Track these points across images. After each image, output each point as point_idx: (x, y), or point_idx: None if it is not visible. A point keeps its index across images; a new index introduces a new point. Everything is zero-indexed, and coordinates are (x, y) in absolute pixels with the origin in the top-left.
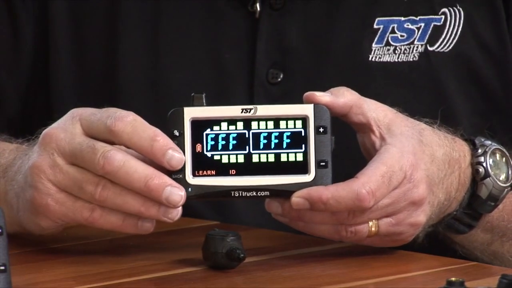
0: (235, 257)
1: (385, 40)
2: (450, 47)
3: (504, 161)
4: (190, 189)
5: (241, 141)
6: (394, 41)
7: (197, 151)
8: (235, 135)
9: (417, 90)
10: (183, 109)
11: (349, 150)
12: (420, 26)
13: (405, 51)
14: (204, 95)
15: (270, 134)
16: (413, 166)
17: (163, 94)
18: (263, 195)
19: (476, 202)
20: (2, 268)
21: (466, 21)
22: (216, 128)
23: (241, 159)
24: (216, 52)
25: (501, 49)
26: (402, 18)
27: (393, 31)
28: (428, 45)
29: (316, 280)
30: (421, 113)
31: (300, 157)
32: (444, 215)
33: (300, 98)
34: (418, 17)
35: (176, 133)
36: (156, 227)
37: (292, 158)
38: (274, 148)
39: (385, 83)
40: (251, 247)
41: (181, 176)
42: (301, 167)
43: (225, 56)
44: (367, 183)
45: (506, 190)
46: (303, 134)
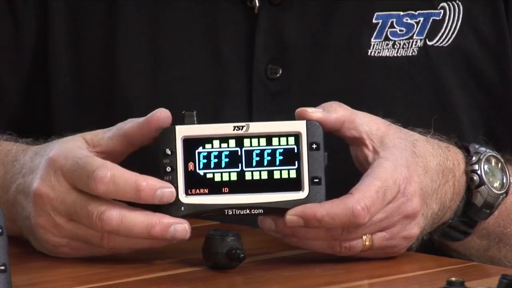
0: (235, 257)
1: (384, 35)
2: (449, 42)
3: (499, 168)
4: (183, 208)
5: (234, 159)
6: (393, 36)
7: (190, 170)
8: (228, 153)
9: (416, 85)
10: (175, 128)
11: (342, 165)
12: (419, 21)
13: (404, 46)
14: (195, 113)
15: (263, 151)
16: (407, 180)
17: (162, 90)
18: (257, 213)
19: (472, 210)
20: (2, 268)
21: (465, 16)
22: (208, 146)
23: (234, 177)
24: (215, 48)
25: (500, 43)
26: (401, 13)
27: (392, 26)
28: (427, 40)
29: (316, 280)
30: (420, 108)
31: (294, 174)
32: (439, 224)
33: (299, 93)
34: (417, 12)
35: (168, 152)
36: None
37: (285, 175)
38: (267, 165)
39: (384, 78)
40: (251, 247)
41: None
42: (295, 184)
43: (224, 52)
44: (362, 199)
45: (502, 197)
46: (296, 151)
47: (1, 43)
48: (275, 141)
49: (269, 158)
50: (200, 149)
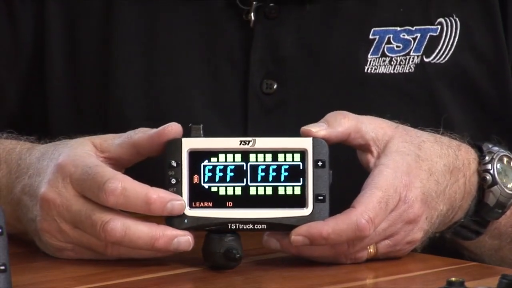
0: (232, 257)
1: (381, 51)
2: (446, 58)
3: None
4: (186, 221)
5: (239, 173)
6: (390, 52)
7: (194, 182)
8: (233, 167)
9: (413, 102)
10: (181, 140)
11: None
12: (416, 37)
13: (401, 63)
14: (202, 126)
15: (268, 167)
16: (407, 187)
17: (156, 101)
18: (260, 228)
19: (484, 210)
20: (2, 268)
21: (463, 31)
22: (214, 160)
23: (239, 192)
24: (211, 61)
25: (498, 59)
26: (398, 28)
27: (389, 42)
28: (424, 56)
29: (316, 280)
30: (417, 125)
31: (298, 191)
32: (451, 224)
33: (294, 109)
34: (414, 27)
35: (174, 164)
36: None
37: (290, 192)
38: (272, 181)
39: (381, 95)
40: (251, 247)
41: None
42: (299, 201)
43: (220, 66)
44: (365, 212)
45: None
46: (301, 168)
47: (0, 45)
48: (281, 157)
49: (274, 174)
50: (206, 162)
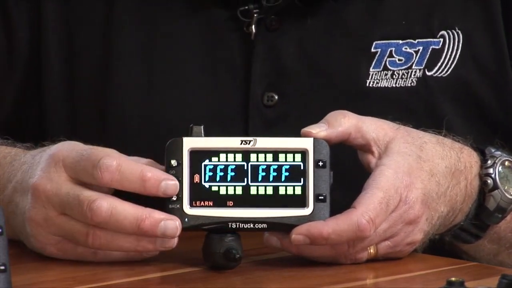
0: (231, 257)
1: (383, 65)
2: (449, 72)
3: None
4: (187, 219)
5: (240, 173)
6: (392, 65)
7: (195, 182)
8: (234, 167)
9: (415, 116)
10: (182, 139)
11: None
12: (418, 50)
13: (403, 76)
14: (203, 127)
15: (269, 167)
16: (408, 187)
17: (157, 113)
18: (260, 228)
19: (484, 214)
20: (2, 268)
21: (465, 44)
22: (215, 159)
23: (239, 191)
24: (212, 73)
25: (501, 72)
26: (400, 41)
27: (391, 55)
28: (426, 70)
29: (316, 280)
30: None
31: (299, 191)
32: (450, 226)
33: (295, 122)
34: (417, 40)
35: (174, 163)
36: None
37: (290, 192)
38: (273, 181)
39: (383, 109)
40: (251, 247)
41: (178, 206)
42: (299, 201)
43: (221, 78)
44: (366, 212)
45: None
46: (302, 168)
47: None
48: (282, 157)
49: (275, 174)
50: (207, 162)
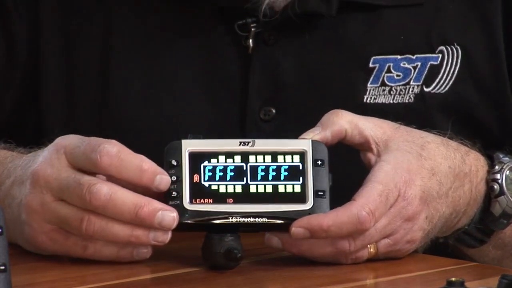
0: (232, 257)
1: (381, 80)
2: (447, 88)
3: None
4: (187, 214)
5: (239, 174)
6: (390, 81)
7: (195, 181)
8: (233, 167)
9: None
10: (181, 142)
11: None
12: (417, 65)
13: (401, 92)
14: (201, 137)
15: (268, 167)
16: (407, 183)
17: (154, 125)
18: (261, 222)
19: (489, 219)
20: (2, 268)
21: (464, 60)
22: (214, 161)
23: (239, 189)
24: (209, 87)
25: (500, 89)
26: (399, 57)
27: (389, 71)
28: (424, 86)
29: (316, 280)
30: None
31: (298, 189)
32: (455, 229)
33: (292, 136)
34: (415, 56)
35: (174, 163)
36: None
37: (290, 190)
38: (272, 180)
39: None
40: (251, 247)
41: (178, 203)
42: (299, 197)
43: (218, 92)
44: (366, 204)
45: None
46: (301, 168)
47: None
48: (281, 158)
49: (274, 174)
50: (206, 163)
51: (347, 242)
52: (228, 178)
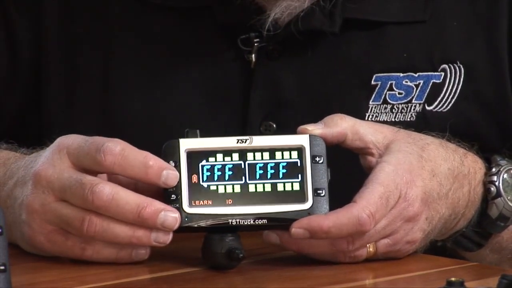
0: (235, 257)
1: (383, 98)
2: (449, 107)
3: None
4: (187, 218)
5: (237, 172)
6: (392, 99)
7: (193, 182)
8: (231, 166)
9: None
10: (179, 141)
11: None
12: (419, 84)
13: (403, 110)
14: (198, 131)
15: (266, 165)
16: (408, 184)
17: (156, 140)
18: (261, 223)
19: (486, 221)
20: (2, 268)
21: (466, 79)
22: (212, 159)
23: (238, 189)
24: (210, 101)
25: (503, 108)
26: (401, 74)
27: (391, 88)
28: (426, 105)
29: (316, 280)
30: None
31: (297, 187)
32: (453, 232)
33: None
34: (417, 74)
35: (172, 164)
36: None
37: (289, 188)
38: (270, 178)
39: None
40: (251, 247)
41: (178, 206)
42: (298, 196)
43: (219, 106)
44: (367, 207)
45: None
46: (299, 164)
47: None
48: (278, 155)
49: (272, 171)
50: (204, 162)
51: (346, 242)
52: (227, 178)
